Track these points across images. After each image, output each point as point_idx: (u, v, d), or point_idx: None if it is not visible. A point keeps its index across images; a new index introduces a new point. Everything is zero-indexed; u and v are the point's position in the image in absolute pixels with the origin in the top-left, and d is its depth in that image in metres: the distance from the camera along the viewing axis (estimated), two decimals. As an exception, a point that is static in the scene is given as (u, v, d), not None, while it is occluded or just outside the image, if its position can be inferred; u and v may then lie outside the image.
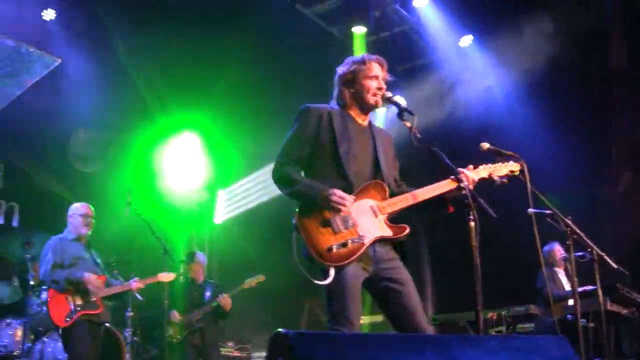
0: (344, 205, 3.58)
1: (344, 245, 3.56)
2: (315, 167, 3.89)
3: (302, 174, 3.92)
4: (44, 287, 7.77)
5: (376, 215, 3.73)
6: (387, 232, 3.72)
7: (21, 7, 8.04)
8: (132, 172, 10.39)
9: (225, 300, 8.19)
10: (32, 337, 7.76)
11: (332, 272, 3.51)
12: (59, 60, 1.96)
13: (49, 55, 1.95)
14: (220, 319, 8.51)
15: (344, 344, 1.96)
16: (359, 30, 10.03)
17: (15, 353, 7.55)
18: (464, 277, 3.75)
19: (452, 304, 9.01)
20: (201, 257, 8.89)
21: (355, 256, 3.56)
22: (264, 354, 10.72)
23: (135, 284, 7.00)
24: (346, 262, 3.54)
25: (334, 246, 3.55)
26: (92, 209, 7.09)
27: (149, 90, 10.59)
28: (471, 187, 3.81)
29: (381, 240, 3.72)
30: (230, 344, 9.93)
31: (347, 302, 3.54)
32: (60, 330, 6.41)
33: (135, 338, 8.47)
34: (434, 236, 10.49)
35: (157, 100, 10.73)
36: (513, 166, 4.14)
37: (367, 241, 3.63)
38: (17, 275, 8.35)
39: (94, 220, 7.06)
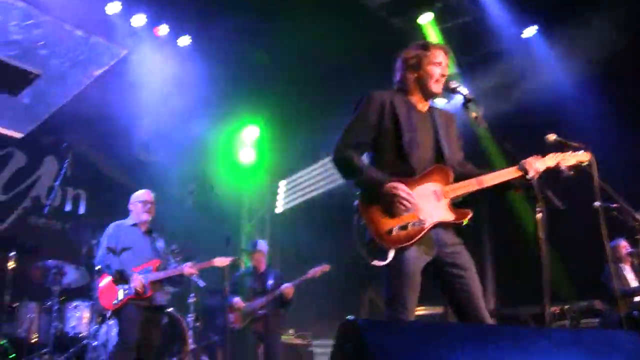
0: (404, 201, 3.56)
1: (404, 228, 3.56)
2: (377, 154, 3.88)
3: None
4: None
5: (439, 200, 3.70)
6: (449, 217, 3.69)
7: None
8: (195, 163, 10.53)
9: (289, 289, 8.23)
10: (99, 319, 7.97)
11: (391, 253, 3.51)
12: (126, 51, 2.01)
13: (116, 45, 2.00)
14: (282, 308, 8.57)
15: (414, 333, 1.96)
16: (425, 20, 9.90)
17: (82, 335, 7.76)
18: (526, 270, 3.70)
19: (514, 298, 8.92)
20: (263, 245, 8.94)
21: (415, 239, 3.55)
22: (323, 342, 10.77)
23: (187, 268, 6.84)
24: (406, 244, 3.53)
25: (394, 228, 3.55)
26: (152, 195, 7.13)
27: (213, 82, 10.73)
28: (536, 176, 3.77)
29: (444, 225, 3.70)
30: (290, 331, 10.01)
31: (404, 287, 3.54)
32: (109, 314, 6.49)
33: (198, 324, 8.60)
34: (497, 228, 10.37)
35: (220, 92, 10.86)
36: (582, 156, 4.02)
37: (428, 225, 3.61)
38: (84, 260, 8.53)
39: (154, 207, 7.08)
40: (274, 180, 12.98)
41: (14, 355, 7.44)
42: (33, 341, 7.60)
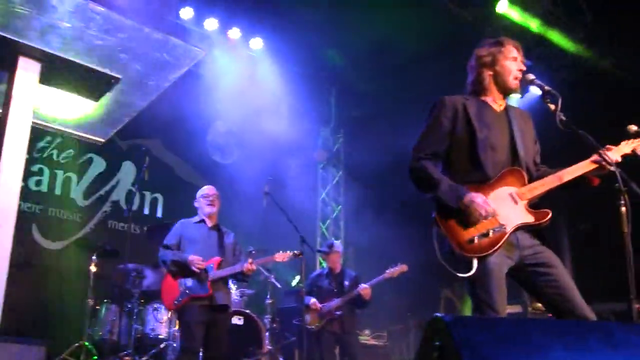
0: (484, 214, 3.48)
1: (486, 235, 3.47)
2: (451, 159, 3.76)
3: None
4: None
5: (516, 202, 3.60)
6: (529, 219, 3.59)
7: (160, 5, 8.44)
8: (270, 163, 10.60)
9: (366, 290, 8.20)
10: (177, 320, 8.09)
11: (475, 263, 3.43)
12: (204, 53, 2.03)
13: (195, 47, 2.03)
14: (358, 309, 8.55)
15: (503, 328, 1.92)
16: (502, 8, 9.64)
17: (161, 336, 7.90)
18: (607, 266, 3.58)
19: (595, 294, 8.68)
20: (339, 246, 8.92)
21: (498, 245, 3.45)
22: (399, 342, 10.72)
23: (247, 265, 6.54)
24: (489, 252, 3.44)
25: (475, 237, 3.46)
26: (214, 189, 7.01)
27: (286, 82, 10.82)
28: (612, 167, 3.65)
29: (523, 227, 3.59)
30: (366, 332, 9.98)
31: (491, 291, 3.43)
32: (170, 314, 6.41)
33: (274, 325, 8.66)
34: (575, 223, 10.14)
35: (294, 92, 10.94)
36: None
37: (509, 229, 3.51)
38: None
39: (218, 200, 6.90)
40: (348, 180, 12.94)
41: (95, 357, 7.61)
42: (114, 343, 7.74)
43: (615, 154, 3.71)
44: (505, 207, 3.58)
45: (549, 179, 3.69)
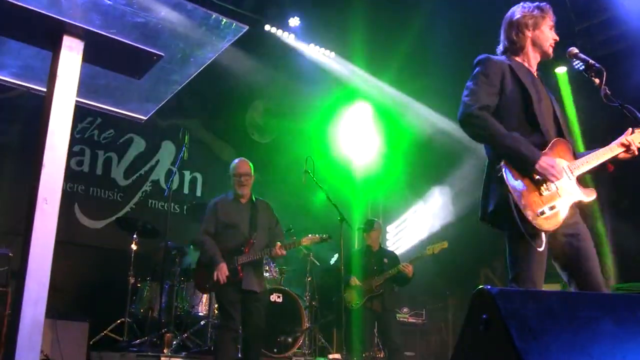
0: (554, 177, 3.39)
1: (552, 208, 3.37)
2: (504, 123, 3.56)
3: None
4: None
5: (569, 177, 3.53)
6: (582, 196, 3.53)
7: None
8: (308, 141, 10.61)
9: (408, 267, 8.18)
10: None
11: (544, 238, 3.33)
12: (247, 27, 2.01)
13: (238, 22, 2.02)
14: (399, 286, 8.55)
15: (551, 301, 1.90)
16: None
17: (201, 314, 7.98)
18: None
19: (636, 273, 8.57)
20: (379, 225, 8.92)
21: (561, 222, 3.38)
22: (437, 321, 10.70)
23: (276, 250, 6.48)
24: (554, 228, 3.36)
25: (544, 209, 3.36)
26: (244, 167, 6.81)
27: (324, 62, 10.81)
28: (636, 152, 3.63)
29: (580, 205, 3.54)
30: (405, 309, 9.98)
31: (533, 264, 3.37)
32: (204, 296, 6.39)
33: (314, 302, 8.70)
34: (617, 201, 9.99)
35: (332, 71, 10.93)
36: None
37: (569, 204, 3.45)
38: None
39: (250, 178, 6.77)
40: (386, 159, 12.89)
41: (137, 334, 7.73)
42: (155, 320, 7.83)
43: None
44: (564, 181, 3.50)
45: (591, 157, 3.64)
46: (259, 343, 6.58)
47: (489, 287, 1.89)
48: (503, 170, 3.39)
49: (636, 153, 3.64)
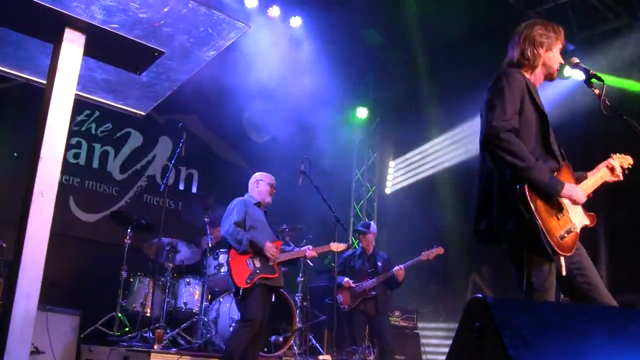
0: (581, 202, 3.45)
1: (569, 232, 3.37)
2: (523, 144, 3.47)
3: None
4: (222, 250, 8.14)
5: (575, 203, 3.53)
6: (586, 221, 3.55)
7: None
8: (305, 142, 10.60)
9: (401, 271, 8.21)
10: (209, 296, 8.16)
11: (563, 262, 3.33)
12: (248, 27, 2.01)
13: (239, 22, 2.01)
14: (390, 290, 8.56)
15: (545, 311, 1.90)
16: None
17: (194, 310, 7.97)
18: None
19: (629, 285, 8.59)
20: (374, 227, 8.95)
21: (575, 247, 3.39)
22: (429, 324, 10.72)
23: (310, 252, 7.04)
24: (572, 252, 3.36)
25: (563, 233, 3.34)
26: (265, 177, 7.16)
27: (324, 62, 10.81)
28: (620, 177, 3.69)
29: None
30: (397, 313, 9.98)
31: (549, 287, 3.36)
32: (241, 291, 6.50)
33: (305, 303, 8.69)
34: (613, 213, 9.99)
35: (331, 72, 10.93)
36: None
37: (578, 230, 3.46)
38: (196, 238, 8.74)
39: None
40: (383, 161, 12.90)
41: (127, 328, 7.71)
42: (147, 315, 7.82)
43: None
44: (573, 206, 3.52)
45: (590, 183, 3.68)
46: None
47: (484, 295, 1.89)
48: (526, 192, 3.33)
49: (621, 177, 3.71)
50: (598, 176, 3.70)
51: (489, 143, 3.44)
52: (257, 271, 6.60)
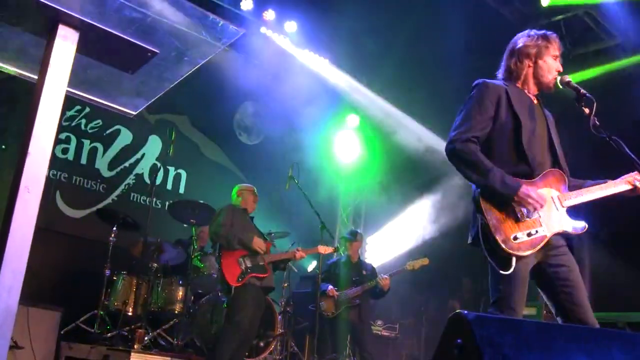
0: (534, 207, 3.44)
1: (529, 235, 3.42)
2: (493, 147, 3.64)
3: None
4: (208, 251, 8.15)
5: (557, 208, 3.57)
6: (568, 227, 3.55)
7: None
8: (294, 147, 10.60)
9: (386, 281, 8.22)
10: (193, 298, 8.14)
11: (514, 261, 3.37)
12: (244, 31, 2.01)
13: (233, 26, 2.00)
14: (374, 298, 8.57)
15: (527, 330, 1.90)
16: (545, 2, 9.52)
17: (175, 312, 7.94)
18: (627, 276, 3.56)
19: (611, 303, 8.62)
20: (361, 236, 8.98)
21: (537, 248, 3.43)
22: (410, 336, 10.71)
23: (299, 253, 7.21)
24: (528, 253, 3.40)
25: (519, 234, 3.41)
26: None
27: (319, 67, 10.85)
28: None
29: (559, 233, 3.55)
30: (379, 322, 9.98)
31: (514, 289, 3.42)
32: (233, 290, 6.57)
33: (288, 308, 8.68)
34: (599, 232, 10.02)
35: (325, 78, 10.97)
36: None
37: (550, 234, 3.48)
38: (182, 239, 8.73)
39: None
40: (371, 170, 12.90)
41: (109, 327, 7.67)
42: (129, 314, 7.79)
43: None
44: (548, 210, 3.54)
45: (587, 191, 3.67)
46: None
47: (466, 312, 1.89)
48: (479, 197, 3.50)
49: None
50: (604, 186, 3.70)
51: (449, 153, 3.63)
52: (249, 270, 6.71)
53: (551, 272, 3.55)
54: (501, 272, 3.39)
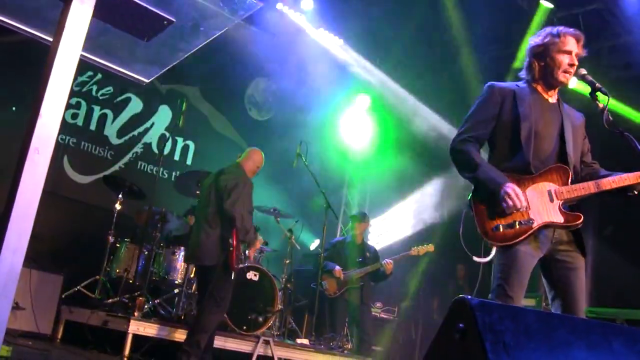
0: (514, 204, 3.52)
1: (511, 226, 3.54)
2: (495, 145, 3.84)
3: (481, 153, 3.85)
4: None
5: (552, 200, 3.63)
6: (559, 219, 3.60)
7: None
8: (304, 125, 10.58)
9: (390, 264, 8.24)
10: (193, 268, 8.15)
11: (493, 250, 3.55)
12: (261, 4, 1.99)
13: (252, -1, 1.99)
14: (375, 282, 8.60)
15: (530, 320, 1.91)
16: (546, 4, 9.52)
17: (176, 282, 7.97)
18: (628, 273, 3.59)
19: (611, 299, 8.64)
20: (368, 218, 8.99)
21: (520, 238, 3.53)
22: (408, 319, 10.75)
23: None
24: (509, 243, 3.53)
25: (500, 226, 3.55)
26: (263, 159, 7.09)
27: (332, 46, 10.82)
28: None
29: (552, 226, 3.61)
30: (378, 304, 10.02)
31: (512, 279, 3.52)
32: (233, 274, 6.48)
33: (289, 285, 8.70)
34: (603, 228, 10.01)
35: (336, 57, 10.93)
36: None
37: (536, 225, 3.56)
38: (186, 210, 8.73)
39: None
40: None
41: (110, 293, 7.70)
42: (130, 282, 7.82)
43: None
44: (540, 202, 3.62)
45: (590, 185, 3.68)
46: None
47: (469, 297, 1.89)
48: (471, 192, 3.76)
49: None
50: (625, 176, 3.70)
51: (450, 151, 3.88)
52: (246, 262, 6.99)
53: (559, 266, 3.65)
54: (477, 259, 3.64)
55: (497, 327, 1.79)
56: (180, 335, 6.71)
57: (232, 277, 6.47)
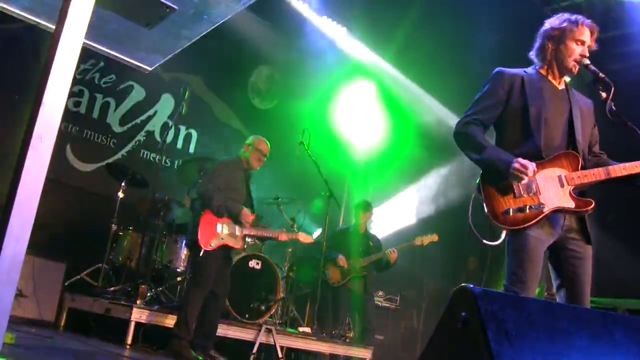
0: (525, 173, 3.50)
1: (521, 210, 3.52)
2: (504, 133, 3.82)
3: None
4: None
5: (562, 186, 3.62)
6: (569, 204, 3.59)
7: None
8: (307, 113, 10.56)
9: (393, 254, 8.25)
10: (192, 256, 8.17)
11: (503, 234, 3.53)
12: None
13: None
14: (378, 271, 8.60)
15: (532, 309, 1.92)
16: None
17: (179, 270, 7.99)
18: (630, 262, 3.60)
19: (614, 288, 8.64)
20: (372, 207, 8.98)
21: (531, 223, 3.50)
22: (410, 308, 10.77)
23: (283, 235, 7.13)
24: (520, 227, 3.50)
25: (511, 209, 3.53)
26: (269, 146, 7.07)
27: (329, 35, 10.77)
28: None
29: (563, 211, 3.60)
30: (380, 293, 10.03)
31: (525, 264, 3.51)
32: (201, 252, 6.47)
33: (291, 274, 8.71)
34: (605, 216, 10.00)
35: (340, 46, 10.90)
36: None
37: (547, 210, 3.54)
38: (189, 199, 8.73)
39: (265, 158, 7.06)
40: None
41: (112, 281, 7.72)
42: (132, 270, 7.83)
43: None
44: (550, 187, 3.61)
45: (600, 171, 3.68)
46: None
47: (471, 285, 1.90)
48: (480, 177, 3.73)
49: None
50: (636, 163, 3.69)
51: (454, 133, 3.87)
52: (222, 238, 6.61)
53: (567, 255, 3.65)
54: (488, 243, 3.63)
55: (499, 316, 1.80)
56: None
57: (202, 254, 6.47)
